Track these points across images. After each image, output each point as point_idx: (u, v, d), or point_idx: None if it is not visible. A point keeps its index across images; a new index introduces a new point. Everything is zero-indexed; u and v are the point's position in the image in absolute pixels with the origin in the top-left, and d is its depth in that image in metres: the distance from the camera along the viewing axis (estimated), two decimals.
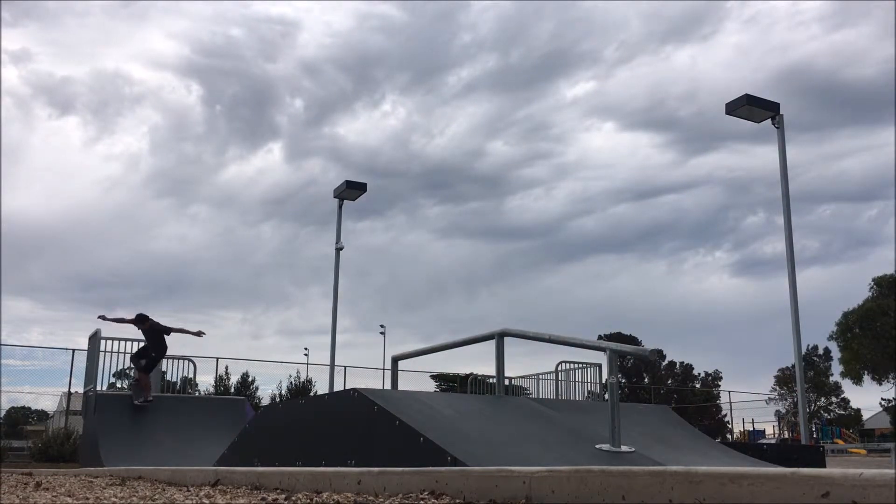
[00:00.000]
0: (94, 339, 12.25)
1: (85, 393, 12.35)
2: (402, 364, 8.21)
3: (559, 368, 17.32)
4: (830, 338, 44.06)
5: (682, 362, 52.18)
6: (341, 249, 13.64)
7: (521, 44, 72.62)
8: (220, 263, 73.89)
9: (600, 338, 37.31)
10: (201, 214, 76.99)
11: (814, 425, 35.82)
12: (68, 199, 71.69)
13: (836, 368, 46.37)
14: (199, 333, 11.71)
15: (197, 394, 15.65)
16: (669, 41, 72.66)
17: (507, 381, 13.55)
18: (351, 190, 13.39)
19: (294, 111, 76.28)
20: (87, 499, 3.39)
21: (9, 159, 64.53)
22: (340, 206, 13.71)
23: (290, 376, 23.26)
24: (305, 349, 46.54)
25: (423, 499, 2.56)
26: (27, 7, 63.02)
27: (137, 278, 67.82)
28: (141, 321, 11.39)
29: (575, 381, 17.29)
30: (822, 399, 54.44)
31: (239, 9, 71.22)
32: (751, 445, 11.61)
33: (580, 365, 17.12)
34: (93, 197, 71.80)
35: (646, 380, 48.79)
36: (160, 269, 69.68)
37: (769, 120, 10.23)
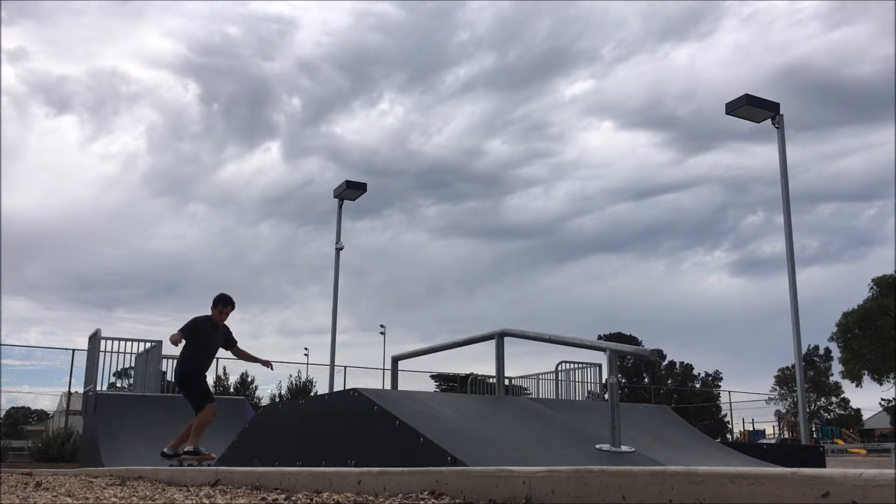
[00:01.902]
0: (94, 339, 12.26)
1: (85, 393, 12.35)
2: (402, 364, 8.21)
3: (559, 368, 17.32)
4: (830, 338, 44.09)
5: (682, 362, 52.25)
6: (341, 249, 13.64)
7: (518, 42, 72.78)
8: (218, 263, 73.87)
9: (600, 338, 37.32)
10: (199, 214, 77.05)
11: (814, 425, 35.85)
12: (66, 198, 71.71)
13: (836, 368, 46.43)
14: (266, 364, 7.95)
15: None
16: (667, 40, 72.86)
17: (507, 381, 13.55)
18: (351, 190, 13.39)
19: (291, 110, 76.38)
20: (87, 499, 3.39)
21: (6, 158, 64.57)
22: (340, 206, 13.71)
23: (290, 376, 23.28)
24: (305, 349, 46.62)
25: (423, 499, 2.55)
26: (23, 5, 63.05)
27: (136, 278, 67.91)
28: (226, 302, 7.48)
29: (575, 381, 17.29)
30: (822, 399, 54.46)
31: (236, 7, 71.36)
32: (751, 445, 11.61)
33: (580, 365, 17.12)
34: (90, 196, 71.84)
35: (646, 380, 48.81)
36: (158, 268, 69.71)
37: (769, 120, 10.23)
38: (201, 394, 7.21)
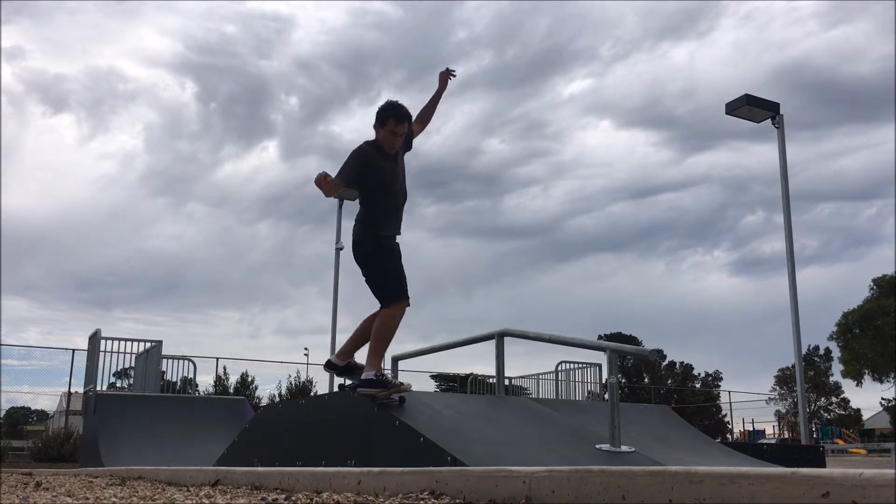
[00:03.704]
0: (94, 339, 12.26)
1: (85, 393, 12.35)
2: (402, 364, 8.21)
3: (559, 368, 17.33)
4: (830, 338, 44.14)
5: (682, 362, 52.22)
6: (341, 249, 13.63)
7: (516, 41, 72.91)
8: (216, 262, 73.91)
9: (600, 338, 37.32)
10: (197, 213, 77.05)
11: (814, 425, 35.85)
12: (63, 197, 71.79)
13: (837, 368, 46.48)
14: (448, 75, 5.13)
15: (197, 394, 15.66)
16: (666, 38, 73.02)
17: (507, 381, 13.55)
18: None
19: (289, 109, 76.45)
20: (87, 499, 3.39)
21: (3, 158, 64.62)
22: (340, 206, 13.70)
23: (290, 376, 23.26)
24: (305, 349, 46.47)
25: (423, 499, 2.55)
26: (20, 4, 63.15)
27: (134, 278, 67.92)
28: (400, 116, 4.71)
29: (575, 381, 17.30)
30: (822, 399, 54.46)
31: (233, 5, 71.51)
32: (751, 445, 11.61)
33: (580, 365, 17.13)
34: (88, 195, 71.91)
35: (646, 380, 48.79)
36: (157, 268, 69.69)
37: (769, 120, 10.23)
38: (389, 279, 4.59)
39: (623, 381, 44.57)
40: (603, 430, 4.94)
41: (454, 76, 5.17)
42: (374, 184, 4.75)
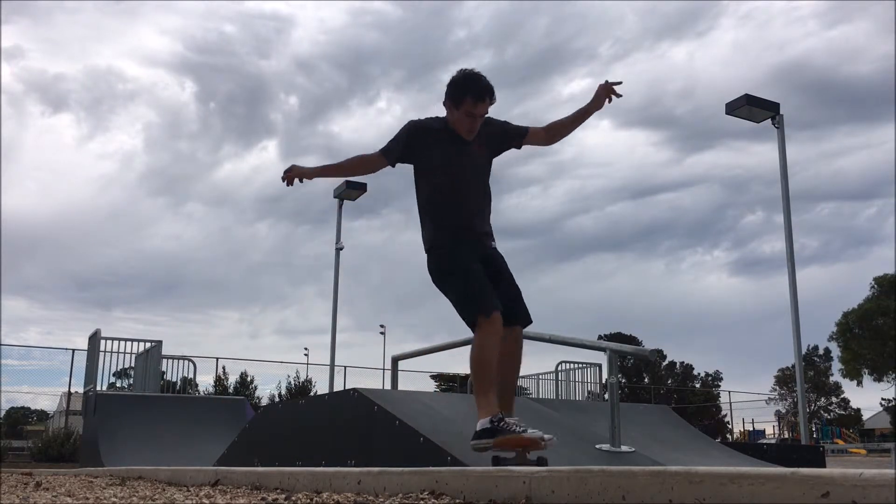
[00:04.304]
0: (94, 339, 12.26)
1: (85, 393, 12.35)
2: (401, 364, 8.21)
3: (559, 368, 17.32)
4: (830, 338, 44.15)
5: (682, 362, 52.26)
6: (341, 250, 13.62)
7: (516, 40, 72.92)
8: (216, 262, 73.96)
9: (600, 338, 37.30)
10: (196, 213, 77.10)
11: (814, 425, 35.84)
12: (63, 197, 71.88)
13: (837, 368, 46.50)
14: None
15: (197, 394, 15.66)
16: (665, 38, 73.04)
17: None
18: (351, 190, 13.37)
19: (288, 108, 76.53)
20: (87, 499, 3.39)
21: (3, 157, 64.67)
22: (340, 206, 13.69)
23: (290, 376, 23.28)
24: (305, 349, 46.49)
25: (423, 499, 2.55)
26: (19, 4, 63.23)
27: (134, 277, 68.00)
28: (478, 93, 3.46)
29: (575, 381, 17.29)
30: (822, 399, 54.48)
31: (232, 5, 71.63)
32: (751, 445, 11.61)
33: (580, 365, 17.12)
34: (87, 195, 72.01)
35: (646, 380, 48.80)
36: (156, 268, 69.78)
37: (769, 120, 10.21)
38: (460, 292, 3.52)
39: (623, 381, 44.57)
40: (603, 430, 4.94)
41: (618, 96, 3.87)
42: (431, 167, 3.47)
